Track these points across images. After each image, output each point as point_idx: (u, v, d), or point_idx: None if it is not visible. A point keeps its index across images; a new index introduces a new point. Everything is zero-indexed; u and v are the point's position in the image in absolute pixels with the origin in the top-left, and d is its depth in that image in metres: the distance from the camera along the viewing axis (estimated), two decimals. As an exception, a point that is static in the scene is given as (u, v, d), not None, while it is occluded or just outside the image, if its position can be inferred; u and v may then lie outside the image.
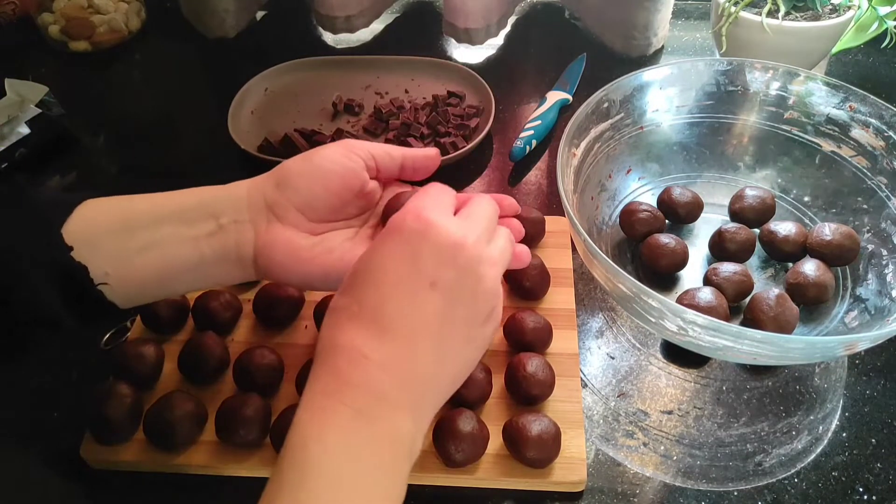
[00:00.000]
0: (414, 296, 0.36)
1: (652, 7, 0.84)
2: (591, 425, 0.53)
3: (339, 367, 0.35)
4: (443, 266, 0.36)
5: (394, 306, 0.36)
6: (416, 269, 0.36)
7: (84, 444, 0.51)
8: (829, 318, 0.58)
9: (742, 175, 0.68)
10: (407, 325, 0.36)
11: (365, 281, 0.37)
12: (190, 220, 0.42)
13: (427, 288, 0.36)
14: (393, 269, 0.36)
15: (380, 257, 0.37)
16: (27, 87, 0.77)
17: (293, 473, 0.32)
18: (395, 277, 0.36)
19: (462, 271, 0.37)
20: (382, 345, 0.35)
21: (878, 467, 0.50)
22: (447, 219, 0.38)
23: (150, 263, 0.41)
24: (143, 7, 0.97)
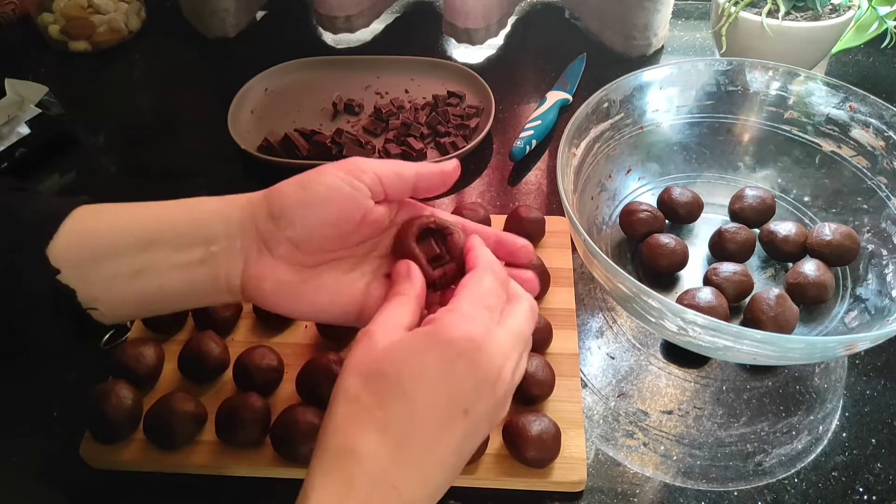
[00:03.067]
0: (445, 423, 0.35)
1: (652, 7, 0.84)
2: (591, 425, 0.53)
3: (355, 481, 0.33)
4: (480, 399, 0.35)
5: (421, 432, 0.34)
6: (453, 397, 0.35)
7: (84, 444, 0.51)
8: (829, 318, 0.58)
9: (742, 175, 0.68)
10: (428, 452, 0.34)
11: (397, 392, 0.34)
12: (182, 244, 0.40)
13: (460, 415, 0.35)
14: (432, 388, 0.34)
15: (418, 367, 0.34)
16: (27, 87, 0.77)
17: None
18: (432, 399, 0.34)
19: (495, 405, 0.36)
20: (401, 468, 0.34)
21: (878, 467, 0.50)
22: (499, 337, 0.36)
23: (139, 290, 0.39)
24: (143, 7, 0.97)
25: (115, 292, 0.39)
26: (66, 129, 0.79)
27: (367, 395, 0.34)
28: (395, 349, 0.35)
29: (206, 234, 0.40)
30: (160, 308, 0.42)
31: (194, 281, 0.40)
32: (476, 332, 0.35)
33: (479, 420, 0.36)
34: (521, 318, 0.39)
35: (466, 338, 0.35)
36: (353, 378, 0.35)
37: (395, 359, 0.35)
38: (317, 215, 0.40)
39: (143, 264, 0.39)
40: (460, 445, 0.35)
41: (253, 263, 0.40)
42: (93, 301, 0.39)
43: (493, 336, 0.36)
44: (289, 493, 0.36)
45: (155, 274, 0.39)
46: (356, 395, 0.35)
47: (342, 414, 0.35)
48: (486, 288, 0.38)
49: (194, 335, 0.55)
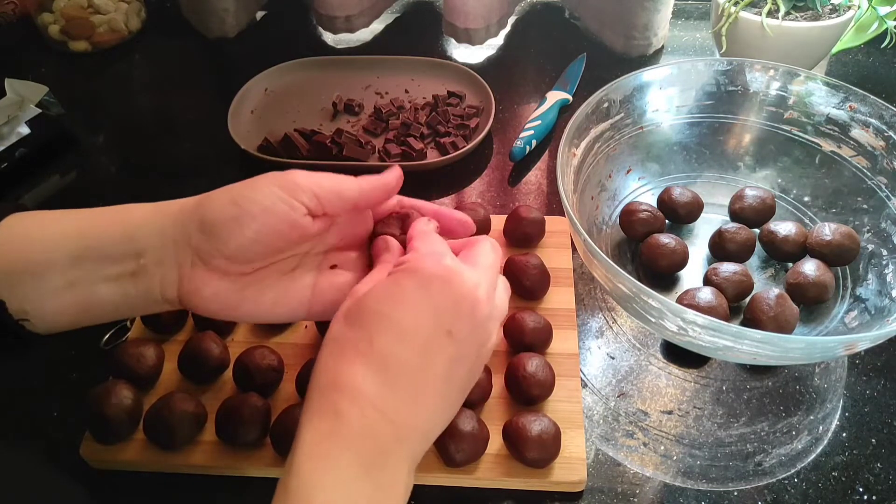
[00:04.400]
0: (428, 345, 0.35)
1: (652, 7, 0.84)
2: (591, 425, 0.53)
3: (343, 411, 0.33)
4: (460, 318, 0.36)
5: (407, 355, 0.35)
6: (435, 316, 0.35)
7: (84, 443, 0.51)
8: (829, 318, 0.58)
9: (742, 175, 0.68)
10: (417, 377, 0.35)
11: (379, 319, 0.35)
12: (111, 257, 0.39)
13: (443, 336, 0.35)
14: (412, 313, 0.35)
15: (399, 297, 0.36)
16: (27, 87, 0.77)
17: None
18: (413, 323, 0.35)
19: (476, 326, 0.37)
20: (390, 395, 0.34)
21: (878, 467, 0.50)
22: (466, 268, 0.37)
23: (70, 302, 0.39)
24: (143, 7, 0.97)
25: (46, 305, 0.38)
26: (66, 129, 0.79)
27: (350, 330, 0.36)
28: (374, 289, 0.37)
29: (137, 246, 0.39)
30: (96, 318, 0.41)
31: (128, 293, 0.39)
32: (448, 262, 0.37)
33: (463, 342, 0.36)
34: (482, 250, 0.41)
35: (437, 262, 0.37)
36: (337, 323, 0.36)
37: (374, 295, 0.36)
38: (250, 234, 0.38)
39: (74, 278, 0.38)
40: (449, 370, 0.36)
41: (187, 274, 0.39)
42: (23, 313, 0.38)
43: (460, 266, 0.38)
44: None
45: (86, 286, 0.39)
46: (339, 333, 0.36)
47: (327, 353, 0.36)
48: (437, 238, 0.40)
49: (194, 335, 0.55)
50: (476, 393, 0.51)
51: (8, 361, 0.59)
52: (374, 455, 0.33)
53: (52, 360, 0.58)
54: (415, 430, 0.35)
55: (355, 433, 0.33)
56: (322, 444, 0.33)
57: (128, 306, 0.40)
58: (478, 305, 0.37)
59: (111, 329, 0.59)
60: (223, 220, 0.38)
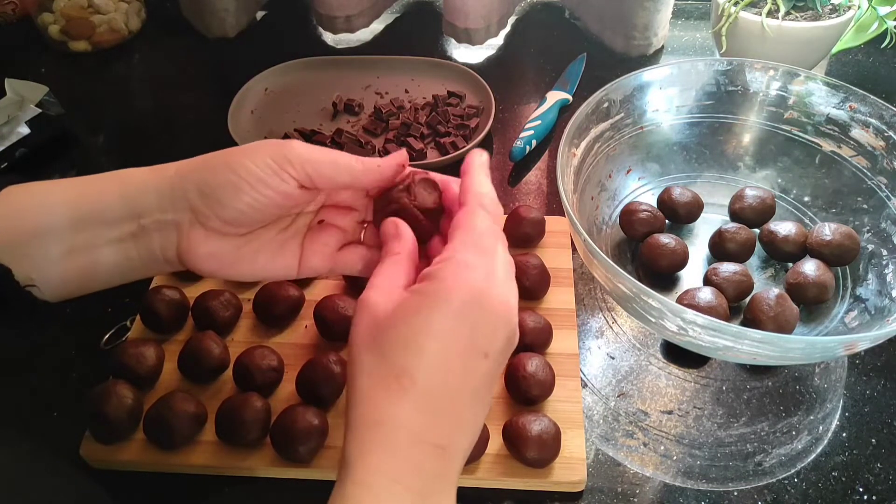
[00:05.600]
0: (467, 369, 0.35)
1: (652, 7, 0.84)
2: (591, 425, 0.53)
3: (396, 447, 0.33)
4: (496, 339, 0.35)
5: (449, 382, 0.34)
6: (472, 343, 0.35)
7: (84, 443, 0.51)
8: (829, 318, 0.58)
9: (742, 175, 0.68)
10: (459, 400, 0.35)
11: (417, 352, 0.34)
12: (111, 220, 0.39)
13: (480, 358, 0.35)
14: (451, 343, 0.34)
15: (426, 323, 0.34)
16: (27, 87, 0.77)
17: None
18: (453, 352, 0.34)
19: (509, 337, 0.36)
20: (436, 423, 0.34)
21: (878, 467, 0.50)
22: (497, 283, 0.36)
23: (74, 266, 0.39)
24: (143, 7, 0.97)
25: (51, 270, 0.39)
26: (66, 129, 0.79)
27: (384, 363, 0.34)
28: (398, 311, 0.35)
29: (137, 208, 0.40)
30: (102, 283, 0.41)
31: (130, 255, 0.40)
32: (478, 280, 0.35)
33: (497, 358, 0.36)
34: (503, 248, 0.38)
35: (469, 287, 0.34)
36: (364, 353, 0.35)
37: (401, 320, 0.34)
38: (246, 200, 0.39)
39: (77, 242, 0.39)
40: (485, 385, 0.36)
41: (185, 234, 0.40)
42: (28, 280, 0.39)
43: (495, 278, 0.36)
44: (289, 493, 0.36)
45: (89, 251, 0.39)
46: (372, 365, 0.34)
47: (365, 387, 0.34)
48: (481, 229, 0.37)
49: (194, 335, 0.55)
50: (476, 393, 0.51)
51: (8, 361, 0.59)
52: (426, 483, 0.33)
53: (53, 360, 0.58)
54: (460, 450, 0.35)
55: (407, 468, 0.33)
56: (374, 476, 0.33)
57: (131, 268, 0.41)
58: (511, 318, 0.36)
59: (111, 329, 0.59)
60: (221, 186, 0.39)
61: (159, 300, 0.56)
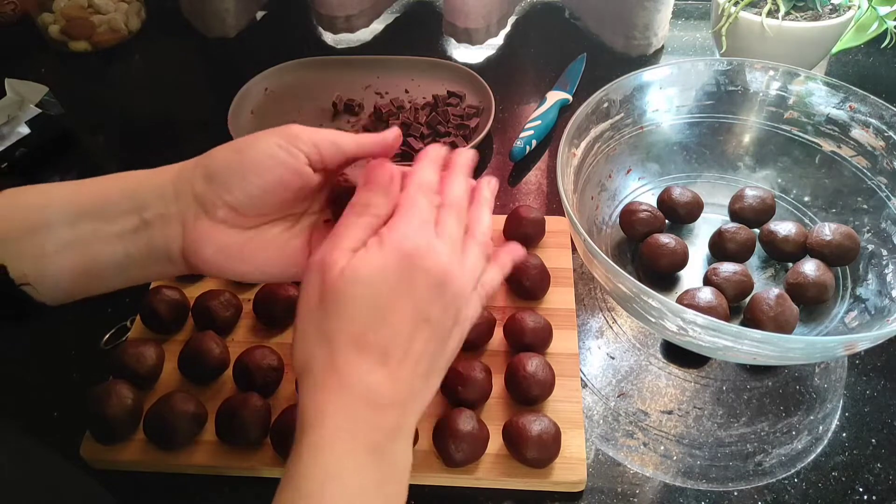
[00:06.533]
0: (416, 331, 0.36)
1: (652, 7, 0.84)
2: (591, 425, 0.53)
3: (352, 404, 0.35)
4: (433, 302, 0.36)
5: (402, 343, 0.36)
6: (415, 306, 0.36)
7: (84, 444, 0.51)
8: (829, 318, 0.58)
9: (742, 175, 0.68)
10: (413, 362, 0.36)
11: (370, 312, 0.35)
12: (112, 214, 0.39)
13: (422, 322, 0.36)
14: (400, 303, 0.36)
15: (382, 286, 0.36)
16: (27, 87, 0.77)
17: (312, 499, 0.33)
18: (401, 312, 0.36)
19: (450, 306, 0.37)
20: (392, 384, 0.35)
21: (878, 467, 0.50)
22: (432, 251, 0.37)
23: (71, 264, 0.38)
24: (143, 7, 0.97)
25: (46, 267, 0.38)
26: (66, 129, 0.79)
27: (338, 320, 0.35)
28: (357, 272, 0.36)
29: (138, 201, 0.39)
30: (101, 284, 0.40)
31: (130, 252, 0.39)
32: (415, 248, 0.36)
33: (438, 326, 0.37)
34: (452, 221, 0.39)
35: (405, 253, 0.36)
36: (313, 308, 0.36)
37: (359, 279, 0.35)
38: (254, 182, 0.39)
39: (74, 237, 0.38)
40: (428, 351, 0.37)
41: (191, 228, 0.39)
42: (23, 276, 0.38)
43: (433, 247, 0.37)
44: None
45: (86, 247, 0.38)
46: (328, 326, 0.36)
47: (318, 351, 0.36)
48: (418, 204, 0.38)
49: (194, 335, 0.55)
50: (476, 393, 0.51)
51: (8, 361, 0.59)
52: (379, 441, 0.35)
53: (52, 360, 0.58)
54: (413, 411, 0.37)
55: (363, 427, 0.34)
56: (332, 433, 0.34)
57: (132, 269, 0.40)
58: (449, 288, 0.37)
59: (111, 329, 0.59)
60: (229, 168, 0.39)
61: (159, 300, 0.56)
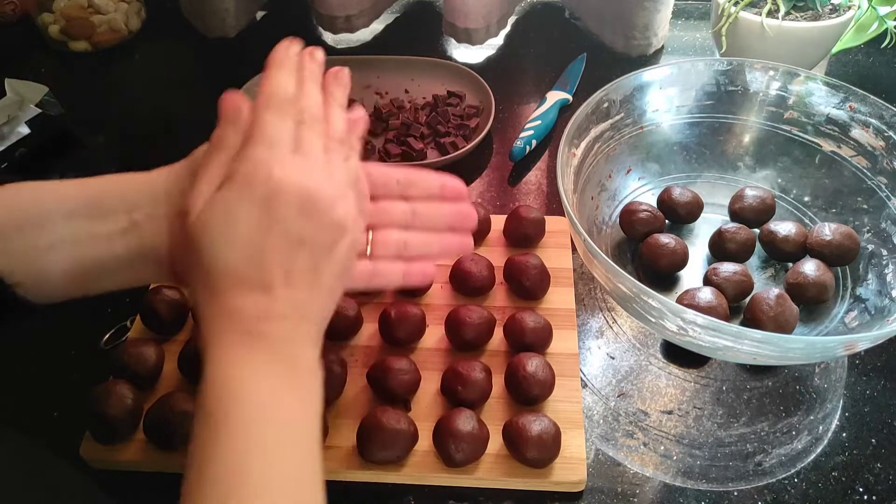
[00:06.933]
0: (292, 255, 0.35)
1: (652, 7, 0.84)
2: (591, 425, 0.53)
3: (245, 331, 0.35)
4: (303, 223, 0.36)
5: (279, 270, 0.35)
6: (284, 230, 0.35)
7: (84, 444, 0.51)
8: (829, 318, 0.58)
9: (742, 175, 0.68)
10: (297, 280, 0.36)
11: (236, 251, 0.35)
12: (102, 213, 0.38)
13: (297, 246, 0.36)
14: (268, 235, 0.35)
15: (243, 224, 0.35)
16: (27, 87, 0.77)
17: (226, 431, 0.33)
18: (271, 243, 0.35)
19: (323, 226, 0.36)
20: (281, 303, 0.35)
21: (878, 467, 0.50)
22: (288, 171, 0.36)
23: (63, 263, 0.38)
24: (143, 7, 0.97)
25: (35, 266, 0.38)
26: (66, 129, 0.79)
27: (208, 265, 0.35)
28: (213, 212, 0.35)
29: (130, 202, 0.39)
30: (90, 286, 0.40)
31: (121, 253, 0.39)
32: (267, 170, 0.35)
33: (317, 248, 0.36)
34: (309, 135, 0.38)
35: (258, 178, 0.35)
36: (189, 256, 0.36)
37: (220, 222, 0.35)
38: None
39: (63, 235, 0.38)
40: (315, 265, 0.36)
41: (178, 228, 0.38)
42: (11, 275, 0.38)
43: (286, 166, 0.36)
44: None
45: (76, 246, 0.38)
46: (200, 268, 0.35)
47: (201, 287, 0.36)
48: (262, 124, 0.37)
49: (194, 335, 0.55)
50: (476, 393, 0.51)
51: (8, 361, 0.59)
52: (279, 351, 0.35)
53: (52, 360, 0.58)
54: (308, 320, 0.37)
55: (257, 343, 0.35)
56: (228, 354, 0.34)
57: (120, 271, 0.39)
58: (317, 206, 0.36)
59: (111, 329, 0.59)
60: None
61: (159, 300, 0.56)
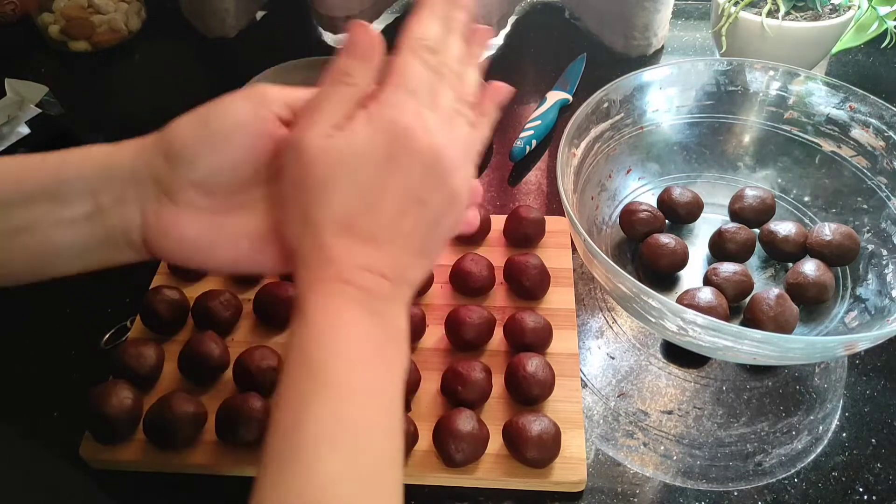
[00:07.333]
0: (407, 212, 0.34)
1: (652, 7, 0.84)
2: (591, 425, 0.53)
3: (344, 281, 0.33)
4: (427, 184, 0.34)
5: (391, 226, 0.34)
6: (405, 186, 0.34)
7: (84, 444, 0.51)
8: (829, 318, 0.58)
9: (742, 175, 0.68)
10: (403, 241, 0.34)
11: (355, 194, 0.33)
12: (65, 198, 0.36)
13: (415, 204, 0.34)
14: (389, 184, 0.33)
15: (368, 168, 0.33)
16: (27, 87, 0.77)
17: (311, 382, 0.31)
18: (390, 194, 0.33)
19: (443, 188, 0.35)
20: (384, 260, 0.34)
21: (878, 467, 0.50)
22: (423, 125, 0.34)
23: (25, 249, 0.36)
24: (143, 7, 0.97)
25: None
26: (66, 129, 0.79)
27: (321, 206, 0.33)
28: (338, 151, 0.33)
29: (93, 183, 0.36)
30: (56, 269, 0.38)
31: (86, 238, 0.36)
32: (403, 120, 0.34)
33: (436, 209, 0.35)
34: (447, 91, 0.37)
35: (393, 126, 0.33)
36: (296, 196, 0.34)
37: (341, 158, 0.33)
38: (222, 155, 0.36)
39: (25, 221, 0.36)
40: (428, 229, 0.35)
41: (153, 214, 0.36)
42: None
43: (423, 120, 0.34)
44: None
45: (39, 231, 0.36)
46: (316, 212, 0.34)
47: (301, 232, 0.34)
48: (409, 72, 0.36)
49: (194, 335, 0.55)
50: (476, 393, 0.51)
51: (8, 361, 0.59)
52: (374, 305, 0.33)
53: (52, 360, 0.58)
54: (406, 283, 0.35)
55: (355, 295, 0.33)
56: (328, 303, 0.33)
57: (89, 255, 0.37)
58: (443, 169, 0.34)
59: (111, 329, 0.59)
60: (192, 143, 0.36)
61: (159, 300, 0.56)
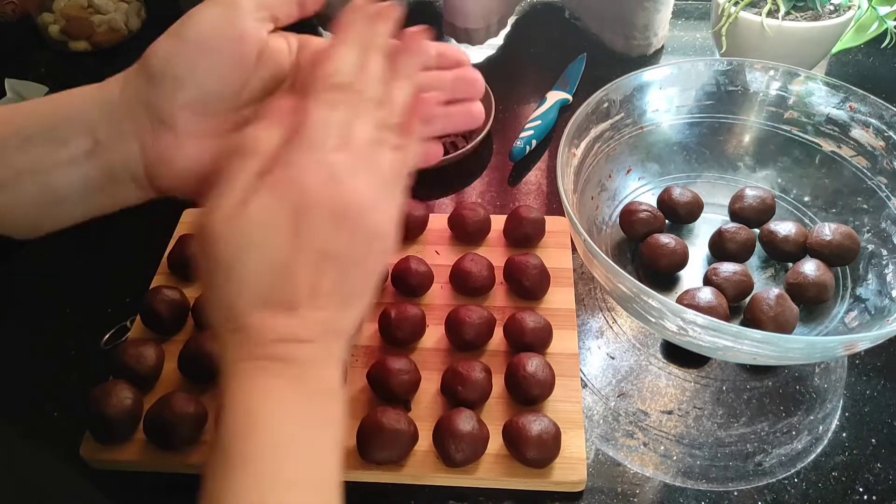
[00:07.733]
0: (322, 271, 0.32)
1: (652, 7, 0.84)
2: (591, 425, 0.53)
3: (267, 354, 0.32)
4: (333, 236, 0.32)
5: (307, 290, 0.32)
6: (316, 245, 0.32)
7: (84, 444, 0.51)
8: (829, 318, 0.58)
9: (742, 175, 0.68)
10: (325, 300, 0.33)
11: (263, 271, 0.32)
12: (62, 137, 0.35)
13: (330, 261, 0.32)
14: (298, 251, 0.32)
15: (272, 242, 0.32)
16: (27, 86, 0.77)
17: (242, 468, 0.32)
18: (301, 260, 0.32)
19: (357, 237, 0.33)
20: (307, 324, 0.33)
21: (878, 467, 0.50)
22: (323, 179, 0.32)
23: (29, 194, 0.36)
24: (143, 7, 0.97)
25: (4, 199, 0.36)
26: (66, 129, 0.79)
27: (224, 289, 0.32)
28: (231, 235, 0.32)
29: (87, 121, 0.36)
30: (66, 213, 0.37)
31: (89, 177, 0.36)
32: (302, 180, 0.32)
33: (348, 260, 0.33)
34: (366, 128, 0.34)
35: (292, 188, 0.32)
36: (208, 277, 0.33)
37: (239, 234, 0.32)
38: (203, 67, 0.35)
39: (25, 165, 0.35)
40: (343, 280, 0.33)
41: (150, 143, 0.35)
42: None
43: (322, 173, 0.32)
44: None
45: (41, 175, 0.36)
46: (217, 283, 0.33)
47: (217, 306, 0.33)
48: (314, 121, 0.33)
49: (194, 335, 0.55)
50: (476, 393, 0.51)
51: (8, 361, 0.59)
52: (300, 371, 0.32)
53: (52, 360, 0.58)
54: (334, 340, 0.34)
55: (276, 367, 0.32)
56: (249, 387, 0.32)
57: (94, 196, 0.37)
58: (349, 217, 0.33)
59: (111, 329, 0.59)
60: (169, 58, 0.35)
61: (159, 300, 0.56)
